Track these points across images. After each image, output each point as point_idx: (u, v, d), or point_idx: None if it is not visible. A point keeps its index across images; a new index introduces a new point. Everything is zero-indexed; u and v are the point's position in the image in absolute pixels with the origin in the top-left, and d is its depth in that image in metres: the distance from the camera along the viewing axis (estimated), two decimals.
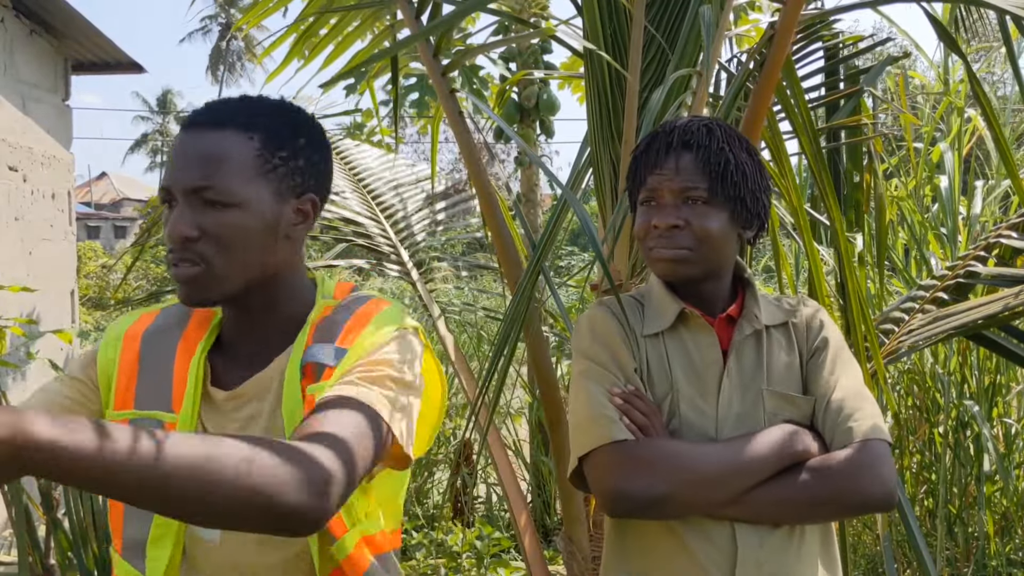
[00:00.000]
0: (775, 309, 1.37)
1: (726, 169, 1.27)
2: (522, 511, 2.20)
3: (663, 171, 1.29)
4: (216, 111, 1.08)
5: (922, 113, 4.12)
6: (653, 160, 1.30)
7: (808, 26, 2.43)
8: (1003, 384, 3.50)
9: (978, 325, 2.15)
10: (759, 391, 1.30)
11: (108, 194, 38.57)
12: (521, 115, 6.61)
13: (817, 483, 1.21)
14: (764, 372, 1.32)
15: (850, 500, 1.22)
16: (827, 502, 1.22)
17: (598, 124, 2.01)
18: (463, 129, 2.21)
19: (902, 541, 3.29)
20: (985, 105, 1.94)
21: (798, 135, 1.87)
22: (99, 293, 16.93)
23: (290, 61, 2.52)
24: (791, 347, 1.34)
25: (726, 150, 1.28)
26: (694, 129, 1.29)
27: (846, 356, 1.35)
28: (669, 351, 1.34)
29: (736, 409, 1.30)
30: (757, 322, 1.33)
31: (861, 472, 1.21)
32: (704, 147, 1.28)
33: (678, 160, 1.28)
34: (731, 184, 1.27)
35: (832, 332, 1.36)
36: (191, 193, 1.04)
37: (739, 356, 1.33)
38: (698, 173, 1.27)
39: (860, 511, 1.30)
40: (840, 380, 1.30)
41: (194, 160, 1.04)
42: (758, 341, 1.33)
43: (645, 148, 1.33)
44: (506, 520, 4.39)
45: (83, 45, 6.43)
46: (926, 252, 3.47)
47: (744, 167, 1.29)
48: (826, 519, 1.29)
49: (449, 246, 3.57)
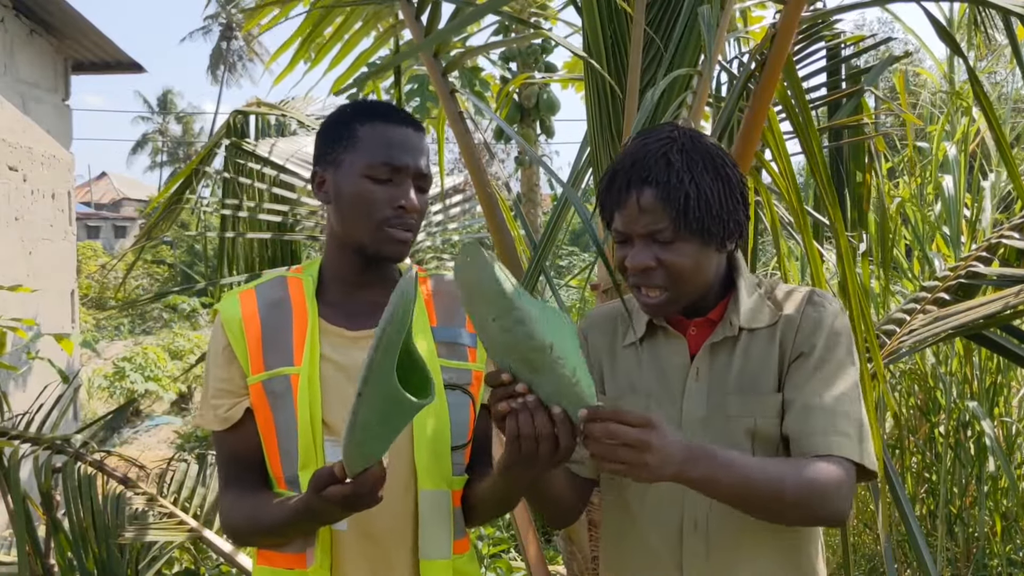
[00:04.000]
0: (765, 310, 1.33)
1: (687, 204, 1.22)
2: (522, 511, 2.20)
3: (626, 210, 1.26)
4: (410, 117, 1.37)
5: (928, 112, 4.12)
6: (616, 199, 1.27)
7: (810, 26, 2.42)
8: (1004, 384, 3.50)
9: (978, 325, 2.15)
10: (724, 395, 1.30)
11: (108, 194, 38.58)
12: (521, 115, 6.60)
13: (792, 482, 1.17)
14: (732, 375, 1.30)
15: (812, 510, 1.20)
16: (793, 504, 1.18)
17: (598, 124, 2.01)
18: (463, 129, 2.21)
19: (902, 541, 3.29)
20: (986, 105, 1.94)
21: (798, 135, 1.86)
22: (99, 293, 16.93)
23: (296, 63, 2.52)
24: (772, 344, 1.31)
25: (686, 181, 1.23)
26: (651, 163, 1.24)
27: (839, 362, 1.29)
28: (645, 359, 1.37)
29: (700, 413, 1.31)
30: (731, 328, 1.31)
31: (837, 493, 1.20)
32: (663, 183, 1.22)
33: (639, 198, 1.24)
34: (695, 218, 1.23)
35: (828, 335, 1.29)
36: (417, 177, 1.33)
37: (710, 360, 1.32)
38: (660, 212, 1.23)
39: (815, 523, 1.29)
40: (821, 389, 1.26)
41: (420, 152, 1.34)
42: (733, 345, 1.32)
43: (607, 185, 1.29)
44: (506, 520, 4.38)
45: (83, 45, 6.43)
46: (929, 252, 3.47)
47: (707, 193, 1.23)
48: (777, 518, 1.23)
49: (449, 246, 3.57)
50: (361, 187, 1.31)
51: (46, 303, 5.65)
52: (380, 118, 1.33)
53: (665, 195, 1.22)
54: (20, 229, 5.52)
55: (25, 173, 5.57)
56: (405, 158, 1.31)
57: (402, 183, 1.32)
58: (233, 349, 1.33)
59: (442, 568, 1.30)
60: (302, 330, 1.33)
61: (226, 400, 1.34)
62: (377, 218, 1.30)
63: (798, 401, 1.27)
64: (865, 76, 2.44)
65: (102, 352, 11.72)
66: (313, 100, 4.12)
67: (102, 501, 2.59)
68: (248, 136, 3.81)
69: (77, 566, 2.52)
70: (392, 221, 1.31)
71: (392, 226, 1.30)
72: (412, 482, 1.30)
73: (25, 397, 5.19)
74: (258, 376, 1.31)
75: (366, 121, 1.33)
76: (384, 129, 1.32)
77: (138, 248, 4.40)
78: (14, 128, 5.47)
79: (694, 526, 1.30)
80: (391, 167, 1.31)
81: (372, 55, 2.60)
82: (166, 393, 9.60)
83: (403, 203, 1.31)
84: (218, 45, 45.11)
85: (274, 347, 1.32)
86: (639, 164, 1.25)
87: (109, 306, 15.75)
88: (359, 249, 1.34)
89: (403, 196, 1.31)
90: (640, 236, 1.25)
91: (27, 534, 2.47)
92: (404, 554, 1.30)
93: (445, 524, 1.32)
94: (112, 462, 2.80)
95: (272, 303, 1.36)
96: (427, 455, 1.30)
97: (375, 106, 1.37)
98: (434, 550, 1.30)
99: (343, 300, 1.37)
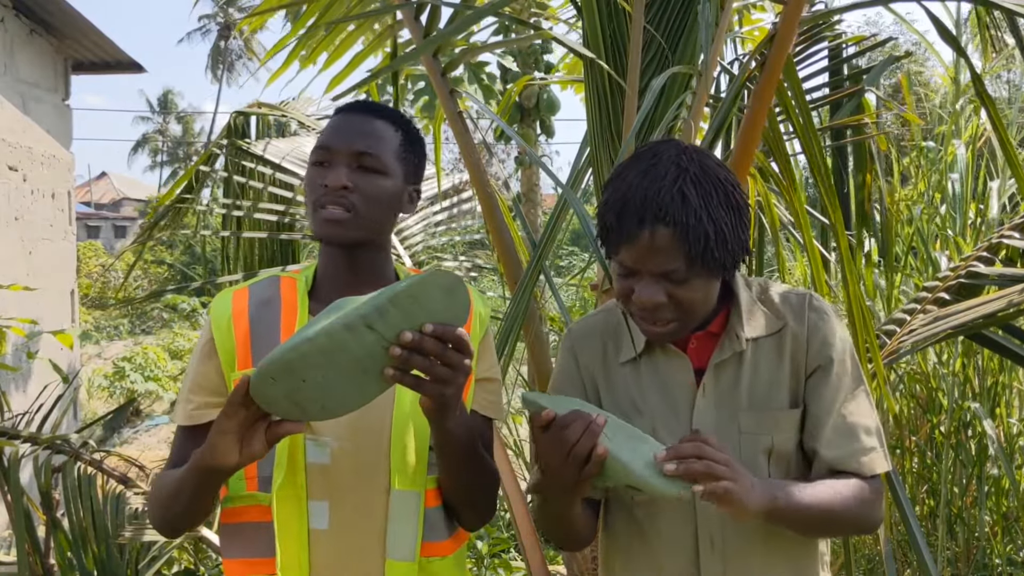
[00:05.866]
0: (768, 317, 1.30)
1: (706, 245, 1.16)
2: (522, 511, 2.20)
3: (637, 247, 1.18)
4: (373, 106, 1.38)
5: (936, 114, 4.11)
6: (625, 234, 1.18)
7: (811, 26, 2.42)
8: (1004, 384, 3.50)
9: (978, 324, 2.14)
10: (735, 411, 1.28)
11: (108, 194, 38.59)
12: (521, 115, 6.60)
13: (845, 502, 1.23)
14: (743, 391, 1.28)
15: (860, 525, 1.29)
16: (845, 524, 1.28)
17: (598, 124, 2.01)
18: (463, 129, 2.20)
19: (903, 541, 3.29)
20: (989, 106, 1.93)
21: (798, 135, 1.86)
22: (99, 293, 16.93)
23: (291, 61, 2.51)
24: (781, 358, 1.29)
25: (704, 220, 1.16)
26: (666, 199, 1.16)
27: (853, 373, 1.30)
28: (645, 376, 1.33)
29: (711, 430, 1.26)
30: (738, 343, 1.28)
31: (876, 504, 1.27)
32: (680, 223, 1.15)
33: (653, 237, 1.16)
34: (712, 258, 1.17)
35: (838, 346, 1.29)
36: (353, 156, 1.31)
37: (717, 376, 1.29)
38: (675, 252, 1.16)
39: (855, 534, 1.39)
40: (847, 405, 1.27)
41: (359, 133, 1.32)
42: (740, 358, 1.29)
43: (617, 218, 1.19)
44: (506, 520, 4.38)
45: (83, 45, 6.43)
46: (933, 253, 3.46)
47: (723, 228, 1.17)
48: (827, 533, 1.34)
49: (449, 246, 3.57)
50: (307, 174, 1.35)
51: (46, 303, 5.65)
52: (344, 111, 1.37)
53: (683, 235, 1.15)
54: (20, 229, 5.52)
55: (25, 173, 5.57)
56: (337, 140, 1.32)
57: (334, 164, 1.32)
58: (215, 344, 1.33)
59: (406, 570, 1.29)
60: (291, 329, 1.32)
61: (197, 397, 1.34)
62: (311, 200, 1.33)
63: (827, 419, 1.27)
64: (866, 76, 2.44)
65: (102, 352, 11.72)
66: (313, 100, 4.12)
67: (102, 501, 2.58)
68: (249, 136, 3.81)
69: (77, 566, 2.51)
70: (322, 200, 1.31)
71: (322, 205, 1.30)
72: (388, 482, 1.30)
73: (25, 397, 5.19)
74: (244, 372, 1.30)
75: (334, 116, 1.37)
76: (337, 119, 1.35)
77: (138, 247, 4.40)
78: (14, 128, 5.47)
79: (711, 544, 1.28)
80: (325, 149, 1.33)
81: (370, 54, 2.59)
82: (166, 393, 9.60)
83: (325, 182, 1.31)
84: (216, 45, 45.09)
85: (262, 344, 1.32)
86: (652, 200, 1.16)
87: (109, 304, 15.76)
88: (319, 240, 1.36)
89: (329, 175, 1.31)
90: (651, 272, 1.19)
91: (27, 534, 2.47)
92: (377, 554, 1.30)
93: (412, 525, 1.30)
94: (112, 462, 2.80)
95: (262, 301, 1.36)
96: (402, 455, 1.30)
97: (352, 103, 1.40)
98: (398, 551, 1.29)
99: (336, 298, 1.36)
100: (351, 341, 1.06)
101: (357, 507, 1.28)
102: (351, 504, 1.29)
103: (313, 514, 1.28)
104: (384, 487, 1.30)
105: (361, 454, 1.29)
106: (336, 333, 1.06)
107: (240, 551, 1.32)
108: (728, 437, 1.26)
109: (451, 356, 1.11)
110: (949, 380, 3.36)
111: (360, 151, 1.31)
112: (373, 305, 1.06)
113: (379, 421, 1.29)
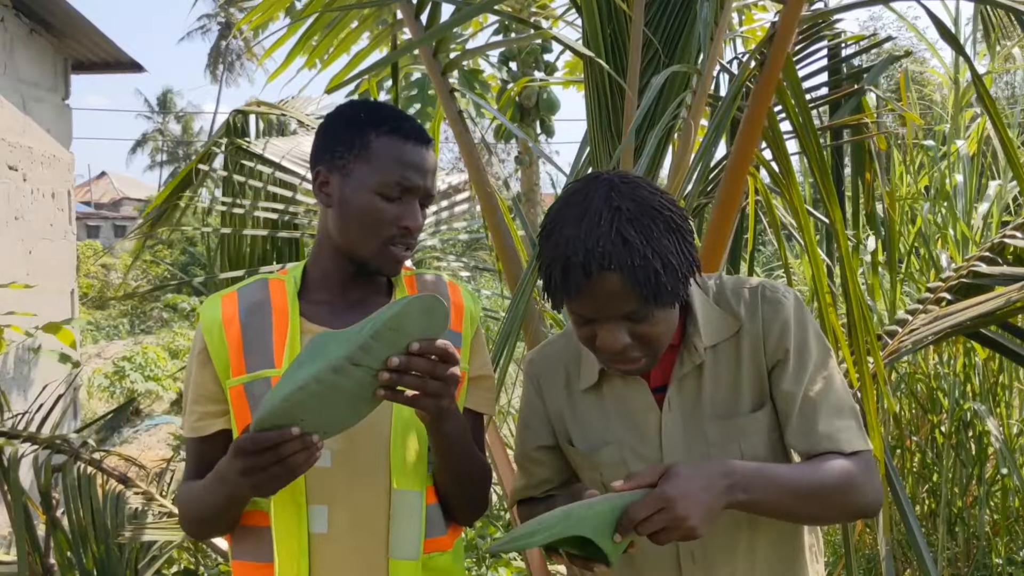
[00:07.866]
0: (725, 319, 1.28)
1: (658, 281, 1.12)
2: None
3: (587, 297, 1.15)
4: (424, 135, 1.36)
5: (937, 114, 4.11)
6: (575, 290, 1.14)
7: (811, 26, 2.42)
8: (1005, 384, 3.49)
9: (977, 323, 2.14)
10: (700, 422, 1.27)
11: (108, 194, 38.59)
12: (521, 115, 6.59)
13: (824, 478, 1.18)
14: (705, 402, 1.27)
15: (852, 503, 1.21)
16: (832, 501, 1.20)
17: (598, 124, 2.01)
18: (463, 129, 2.20)
19: (902, 541, 3.29)
20: (990, 106, 1.93)
21: (798, 135, 1.86)
22: (99, 292, 16.94)
23: (291, 61, 2.51)
24: (739, 362, 1.27)
25: (649, 256, 1.11)
26: (608, 248, 1.11)
27: (818, 356, 1.26)
28: (608, 402, 1.33)
29: (681, 449, 1.27)
30: (697, 355, 1.26)
31: (866, 480, 1.21)
32: (627, 266, 1.11)
33: (604, 285, 1.12)
34: (666, 292, 1.13)
35: (795, 333, 1.26)
36: (426, 196, 1.34)
37: (680, 391, 1.28)
38: (629, 295, 1.13)
39: (855, 517, 1.31)
40: (812, 388, 1.24)
41: (430, 173, 1.34)
42: (700, 369, 1.28)
43: (562, 277, 1.14)
44: (506, 520, 4.38)
45: (83, 44, 6.43)
46: (935, 253, 3.46)
47: (669, 259, 1.13)
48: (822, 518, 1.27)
49: (449, 246, 3.57)
50: (370, 203, 1.30)
51: (46, 302, 5.64)
52: (397, 133, 1.32)
53: (633, 278, 1.11)
54: (20, 229, 5.52)
55: (25, 173, 5.56)
56: (417, 179, 1.31)
57: (410, 203, 1.32)
58: (209, 352, 1.33)
59: (410, 568, 1.30)
60: (282, 332, 1.32)
61: (200, 407, 1.34)
62: (383, 236, 1.31)
63: (792, 410, 1.24)
64: (866, 75, 2.44)
65: (102, 352, 11.72)
66: (313, 99, 4.12)
67: (101, 500, 2.59)
68: (248, 135, 3.81)
69: (76, 565, 2.52)
70: (396, 240, 1.32)
71: (395, 244, 1.32)
72: (388, 482, 1.30)
73: (27, 397, 5.19)
74: (239, 379, 1.31)
75: (382, 133, 1.31)
76: (400, 146, 1.31)
77: (138, 245, 4.39)
78: (14, 128, 5.47)
79: (691, 558, 1.28)
80: (403, 188, 1.31)
81: (370, 54, 2.59)
82: (166, 393, 9.61)
83: (408, 224, 1.31)
84: (216, 44, 45.09)
85: (255, 350, 1.32)
86: (593, 250, 1.11)
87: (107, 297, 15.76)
88: (357, 260, 1.34)
89: (410, 217, 1.31)
90: (608, 317, 1.16)
91: (26, 533, 2.47)
92: (380, 555, 1.30)
93: (415, 523, 1.31)
94: (111, 461, 2.80)
95: (252, 306, 1.35)
96: (402, 455, 1.31)
97: (389, 115, 1.34)
98: (402, 550, 1.30)
99: (329, 298, 1.37)
100: (341, 381, 1.10)
101: (358, 509, 1.28)
102: (351, 506, 1.29)
103: (312, 518, 1.28)
104: (385, 487, 1.30)
105: (361, 455, 1.30)
106: (326, 378, 1.09)
107: (246, 553, 1.33)
108: (698, 450, 1.26)
109: (439, 369, 1.13)
110: (950, 380, 3.37)
111: (431, 193, 1.34)
112: (356, 344, 1.09)
113: (379, 422, 1.29)
